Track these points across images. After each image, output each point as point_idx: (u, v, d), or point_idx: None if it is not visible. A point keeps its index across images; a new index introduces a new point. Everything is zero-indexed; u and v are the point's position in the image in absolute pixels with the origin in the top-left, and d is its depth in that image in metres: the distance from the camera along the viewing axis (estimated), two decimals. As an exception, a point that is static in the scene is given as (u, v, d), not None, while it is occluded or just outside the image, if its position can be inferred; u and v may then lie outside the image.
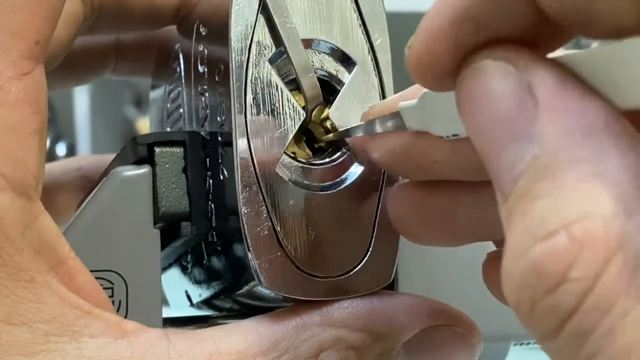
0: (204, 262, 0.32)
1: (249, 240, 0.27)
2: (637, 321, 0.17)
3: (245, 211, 0.28)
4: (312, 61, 0.29)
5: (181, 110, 0.35)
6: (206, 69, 0.32)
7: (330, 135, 0.29)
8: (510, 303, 0.19)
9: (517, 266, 0.18)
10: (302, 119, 0.29)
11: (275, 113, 0.28)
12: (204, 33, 0.32)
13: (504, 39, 0.20)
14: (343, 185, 0.29)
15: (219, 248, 0.31)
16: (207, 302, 0.34)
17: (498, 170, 0.20)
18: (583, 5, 0.18)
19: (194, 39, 0.33)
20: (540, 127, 0.19)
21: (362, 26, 0.30)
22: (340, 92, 0.29)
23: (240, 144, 0.28)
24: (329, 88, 0.29)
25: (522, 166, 0.19)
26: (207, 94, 0.31)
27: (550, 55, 0.20)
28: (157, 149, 0.30)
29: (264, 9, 0.29)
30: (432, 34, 0.21)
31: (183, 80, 0.34)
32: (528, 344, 0.36)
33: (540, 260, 0.18)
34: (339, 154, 0.29)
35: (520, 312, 0.19)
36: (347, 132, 0.29)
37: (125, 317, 0.27)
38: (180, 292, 0.36)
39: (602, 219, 0.17)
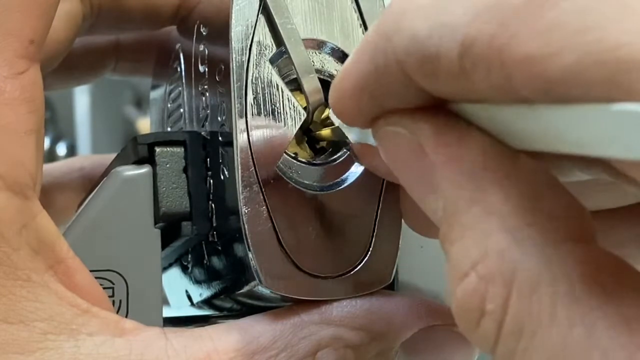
0: (205, 261, 0.32)
1: (249, 240, 0.27)
2: (543, 340, 0.18)
3: (246, 211, 0.28)
4: (313, 61, 0.29)
5: (182, 110, 0.35)
6: (207, 69, 0.32)
7: (328, 130, 0.29)
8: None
9: (452, 305, 0.21)
10: (303, 119, 0.29)
11: (276, 113, 0.28)
12: (204, 33, 0.32)
13: (397, 109, 0.23)
14: (344, 185, 0.29)
15: (220, 248, 0.31)
16: (207, 302, 0.34)
17: (429, 215, 0.22)
18: (457, 87, 0.20)
19: (194, 39, 0.33)
20: (437, 178, 0.21)
21: (362, 26, 0.30)
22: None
23: (241, 143, 0.28)
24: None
25: (439, 214, 0.21)
26: (207, 94, 0.31)
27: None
28: (157, 149, 0.30)
29: (264, 9, 0.29)
30: (342, 94, 0.24)
31: (183, 80, 0.34)
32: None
33: (462, 299, 0.20)
34: (339, 153, 0.29)
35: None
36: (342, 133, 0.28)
37: (126, 317, 0.27)
38: (180, 291, 0.36)
39: (496, 253, 0.19)
